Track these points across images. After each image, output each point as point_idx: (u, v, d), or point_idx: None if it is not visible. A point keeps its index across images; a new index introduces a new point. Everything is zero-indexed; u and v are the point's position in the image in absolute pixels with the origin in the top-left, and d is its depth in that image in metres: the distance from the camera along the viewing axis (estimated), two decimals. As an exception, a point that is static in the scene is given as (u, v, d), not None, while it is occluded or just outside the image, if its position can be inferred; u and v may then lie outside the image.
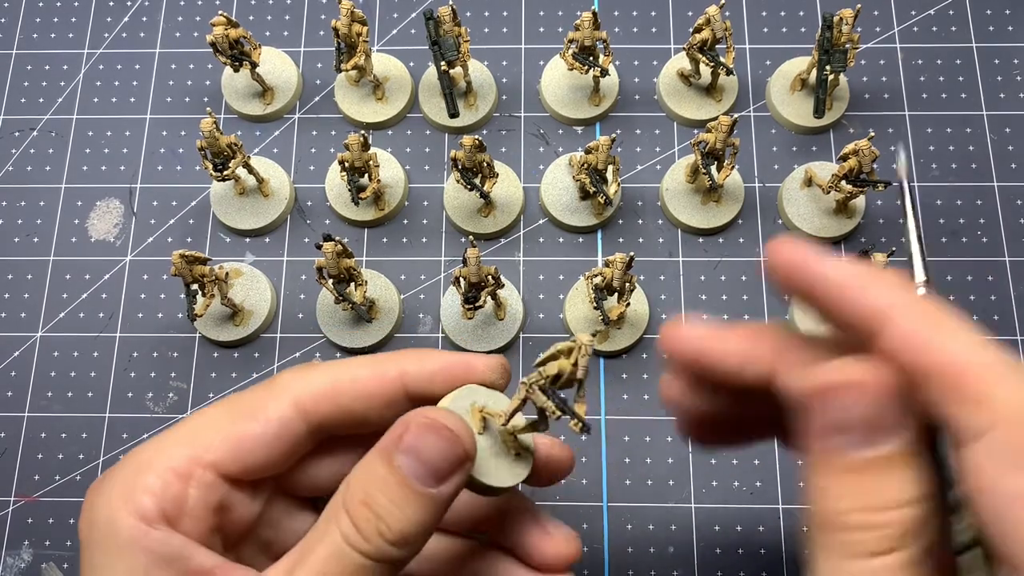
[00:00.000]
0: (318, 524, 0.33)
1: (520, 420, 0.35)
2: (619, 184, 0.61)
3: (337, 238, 0.55)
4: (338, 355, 0.60)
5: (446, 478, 0.33)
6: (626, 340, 0.59)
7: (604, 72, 0.61)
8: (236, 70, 0.62)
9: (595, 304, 0.56)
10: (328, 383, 0.35)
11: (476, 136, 0.57)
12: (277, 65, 0.66)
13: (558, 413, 0.33)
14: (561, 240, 0.63)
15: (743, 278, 0.61)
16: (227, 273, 0.58)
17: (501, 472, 0.35)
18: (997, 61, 0.66)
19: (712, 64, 0.60)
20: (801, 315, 0.59)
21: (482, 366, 0.37)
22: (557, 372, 0.33)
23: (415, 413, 0.33)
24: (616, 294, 0.56)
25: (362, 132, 0.59)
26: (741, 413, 0.36)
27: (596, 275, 0.56)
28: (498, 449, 0.35)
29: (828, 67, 0.60)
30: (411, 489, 0.32)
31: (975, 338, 0.27)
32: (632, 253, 0.54)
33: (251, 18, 0.69)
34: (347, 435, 0.37)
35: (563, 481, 0.57)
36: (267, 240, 0.63)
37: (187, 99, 0.67)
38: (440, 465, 0.33)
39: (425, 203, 0.64)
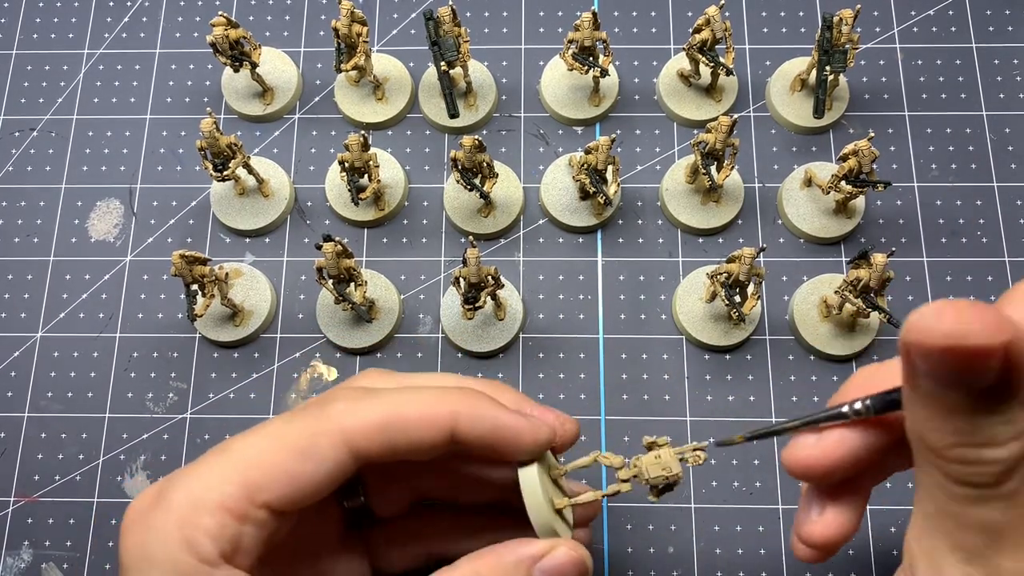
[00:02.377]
0: None
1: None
2: (619, 184, 0.61)
3: (337, 238, 0.55)
4: (338, 356, 0.61)
5: None
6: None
7: (604, 72, 0.61)
8: (236, 70, 0.62)
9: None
10: (380, 420, 0.36)
11: (476, 136, 0.57)
12: (277, 65, 0.66)
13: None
14: (561, 240, 0.63)
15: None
16: (227, 273, 0.58)
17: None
18: (997, 61, 0.66)
19: (712, 64, 0.60)
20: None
21: (527, 443, 0.38)
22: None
23: (563, 541, 0.37)
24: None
25: (362, 132, 0.59)
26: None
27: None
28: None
29: (828, 67, 0.60)
30: None
31: None
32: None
33: (251, 18, 0.69)
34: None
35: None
36: (267, 240, 0.64)
37: (187, 99, 0.67)
38: None
39: (425, 203, 0.64)
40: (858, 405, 0.33)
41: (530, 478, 0.38)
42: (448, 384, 0.39)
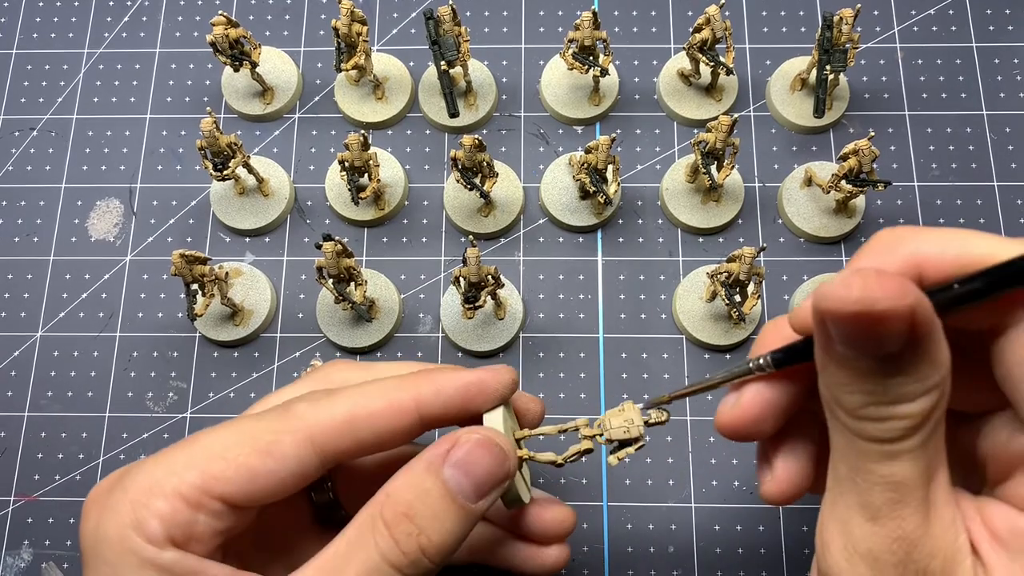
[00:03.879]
0: (349, 535, 0.33)
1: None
2: (619, 184, 0.61)
3: (337, 238, 0.55)
4: (338, 355, 0.60)
5: (487, 494, 0.34)
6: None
7: (604, 72, 0.61)
8: (236, 70, 0.62)
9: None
10: (345, 416, 0.35)
11: (476, 136, 0.57)
12: (277, 65, 0.66)
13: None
14: (561, 240, 0.63)
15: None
16: (227, 273, 0.58)
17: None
18: (997, 61, 0.66)
19: (712, 64, 0.60)
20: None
21: (495, 388, 0.37)
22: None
23: (465, 430, 0.35)
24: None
25: (362, 132, 0.59)
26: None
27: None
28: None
29: (828, 67, 0.60)
30: (455, 503, 0.33)
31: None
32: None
33: (251, 18, 0.69)
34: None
35: (562, 480, 0.57)
36: (267, 240, 0.63)
37: (187, 99, 0.67)
38: (485, 481, 0.34)
39: (425, 203, 0.64)
40: (761, 360, 0.34)
41: (495, 420, 0.37)
42: (409, 370, 0.39)
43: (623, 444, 0.39)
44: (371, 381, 0.37)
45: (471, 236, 0.60)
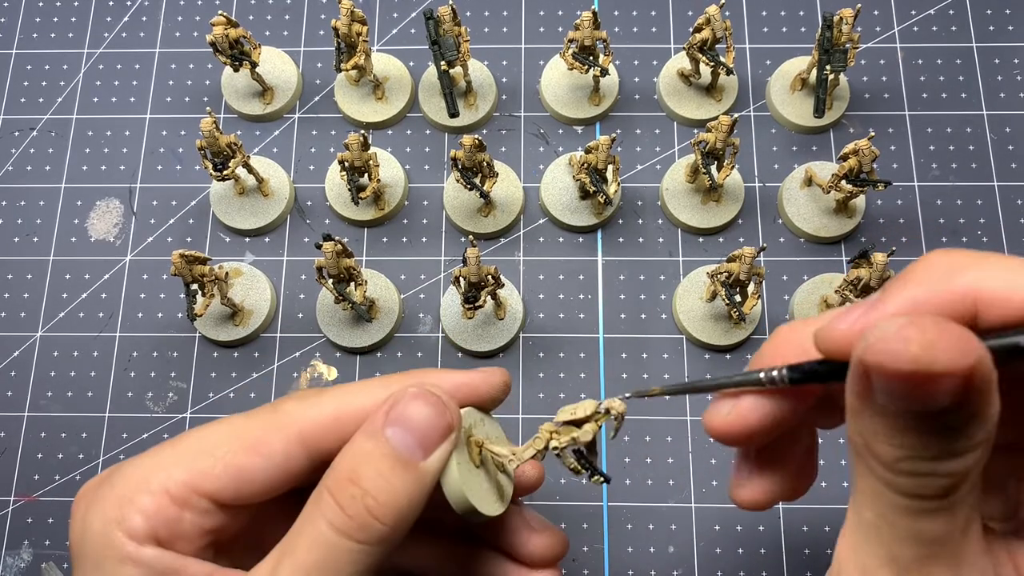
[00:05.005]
0: (302, 514, 0.33)
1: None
2: (619, 184, 0.61)
3: (337, 238, 0.55)
4: (338, 355, 0.60)
5: (433, 448, 0.33)
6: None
7: (604, 72, 0.61)
8: (236, 70, 0.62)
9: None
10: (332, 413, 0.35)
11: (476, 136, 0.57)
12: (277, 65, 0.66)
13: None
14: (561, 240, 0.63)
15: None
16: (227, 273, 0.58)
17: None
18: (997, 61, 0.66)
19: (712, 64, 0.60)
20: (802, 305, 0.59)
21: (485, 390, 0.37)
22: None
23: (403, 387, 0.33)
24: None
25: (362, 132, 0.59)
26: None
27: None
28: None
29: (828, 67, 0.60)
30: (400, 460, 0.32)
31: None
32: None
33: (251, 18, 0.69)
34: None
35: (562, 480, 0.57)
36: (267, 240, 0.63)
37: (187, 99, 0.67)
38: (428, 433, 0.33)
39: (425, 203, 0.64)
40: (774, 374, 0.31)
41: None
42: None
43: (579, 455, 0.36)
44: (359, 381, 0.37)
45: (471, 236, 0.60)
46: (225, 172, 0.59)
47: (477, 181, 0.59)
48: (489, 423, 0.38)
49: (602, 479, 0.35)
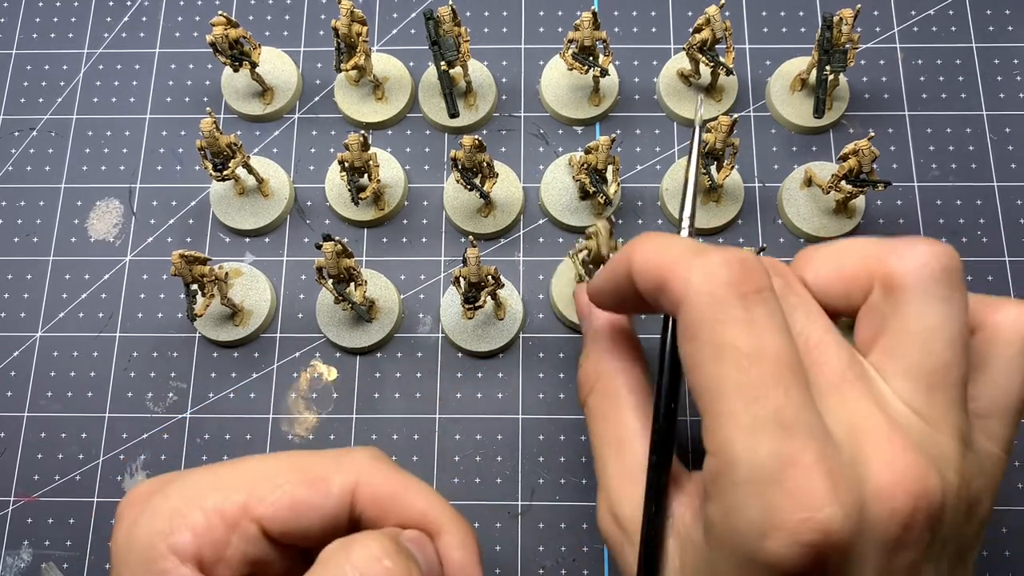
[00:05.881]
0: None
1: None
2: (619, 184, 0.61)
3: (337, 238, 0.55)
4: (338, 355, 0.60)
5: None
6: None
7: (604, 72, 0.61)
8: (236, 70, 0.62)
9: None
10: (396, 485, 0.35)
11: (476, 136, 0.57)
12: (277, 65, 0.66)
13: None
14: (561, 240, 0.63)
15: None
16: (227, 273, 0.58)
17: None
18: (997, 61, 0.66)
19: (712, 64, 0.60)
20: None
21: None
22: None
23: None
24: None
25: (362, 132, 0.59)
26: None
27: (581, 250, 0.55)
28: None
29: (828, 67, 0.60)
30: None
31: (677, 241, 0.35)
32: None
33: (251, 18, 0.69)
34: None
35: (562, 481, 0.57)
36: (267, 240, 0.63)
37: (187, 99, 0.67)
38: None
39: (425, 203, 0.64)
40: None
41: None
42: None
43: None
44: (428, 487, 0.37)
45: (471, 236, 0.60)
46: (225, 172, 0.59)
47: (477, 181, 0.59)
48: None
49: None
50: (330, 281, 0.57)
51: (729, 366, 0.31)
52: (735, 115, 0.57)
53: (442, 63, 0.61)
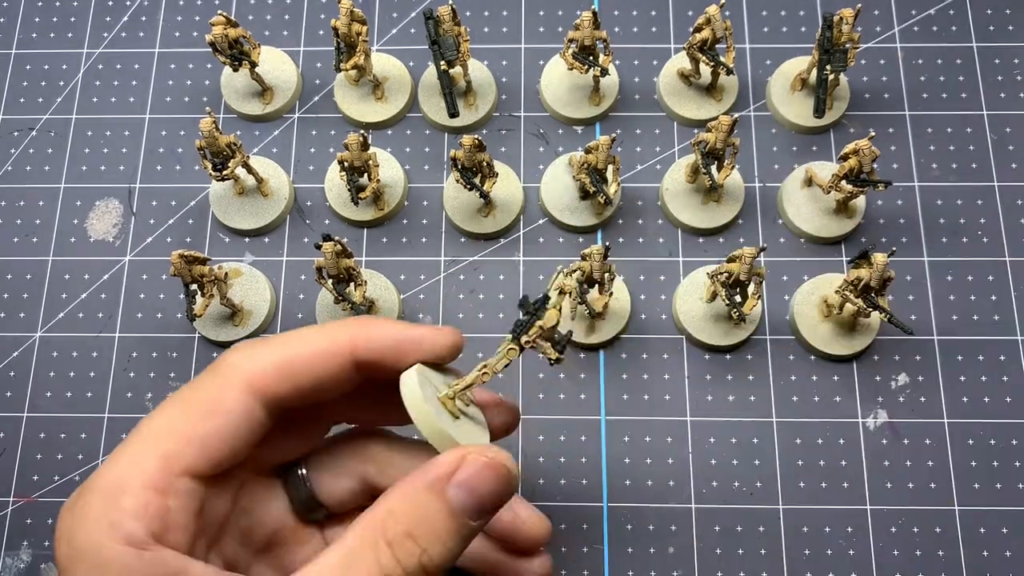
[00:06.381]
0: (350, 547, 0.32)
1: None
2: (619, 184, 0.61)
3: (336, 238, 0.55)
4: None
5: (490, 516, 0.34)
6: (611, 331, 0.59)
7: (604, 72, 0.61)
8: (235, 70, 0.62)
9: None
10: (280, 360, 0.35)
11: (476, 136, 0.57)
12: (276, 65, 0.66)
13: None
14: (561, 240, 0.63)
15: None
16: (226, 273, 0.58)
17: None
18: (997, 61, 0.66)
19: (712, 64, 0.60)
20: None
21: (430, 343, 0.37)
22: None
23: (471, 449, 0.34)
24: (597, 285, 0.56)
25: (362, 132, 0.59)
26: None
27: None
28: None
29: (828, 67, 0.60)
30: (458, 522, 0.33)
31: None
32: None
33: (251, 18, 0.69)
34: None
35: (562, 481, 0.57)
36: (266, 240, 0.63)
37: (186, 99, 0.67)
38: (492, 502, 0.34)
39: (425, 203, 0.64)
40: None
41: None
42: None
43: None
44: (305, 328, 0.37)
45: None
46: (225, 172, 0.59)
47: (477, 181, 0.59)
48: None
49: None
50: (330, 281, 0.56)
51: None
52: (735, 115, 0.57)
53: (442, 63, 0.61)
